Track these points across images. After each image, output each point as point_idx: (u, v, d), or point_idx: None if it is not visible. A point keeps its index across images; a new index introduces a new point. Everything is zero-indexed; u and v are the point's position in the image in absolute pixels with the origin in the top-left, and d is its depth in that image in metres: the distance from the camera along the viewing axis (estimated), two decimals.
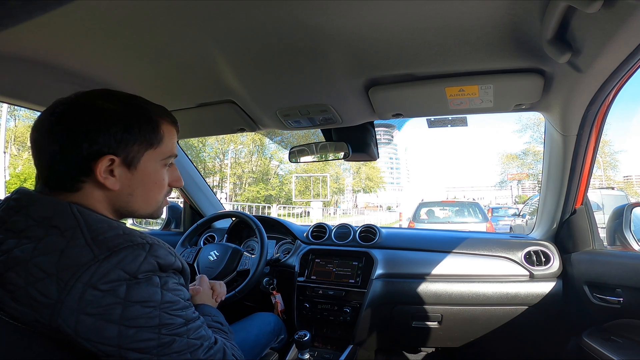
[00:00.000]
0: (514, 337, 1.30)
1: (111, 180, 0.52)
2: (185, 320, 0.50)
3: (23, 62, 0.79)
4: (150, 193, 0.57)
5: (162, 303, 0.47)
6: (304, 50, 0.76)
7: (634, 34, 0.54)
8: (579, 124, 0.90)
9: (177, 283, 0.52)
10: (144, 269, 0.47)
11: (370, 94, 0.94)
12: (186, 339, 0.49)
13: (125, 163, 0.52)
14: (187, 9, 0.63)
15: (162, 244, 0.51)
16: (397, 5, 0.61)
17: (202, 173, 1.76)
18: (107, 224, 0.49)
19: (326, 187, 26.86)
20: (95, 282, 0.43)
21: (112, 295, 0.44)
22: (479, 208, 6.84)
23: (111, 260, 0.45)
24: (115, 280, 0.44)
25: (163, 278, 0.49)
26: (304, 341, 1.03)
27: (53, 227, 0.46)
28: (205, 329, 0.53)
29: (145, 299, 0.46)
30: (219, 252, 1.25)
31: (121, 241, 0.47)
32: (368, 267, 1.29)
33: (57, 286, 0.43)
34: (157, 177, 0.57)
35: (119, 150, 0.51)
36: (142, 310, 0.45)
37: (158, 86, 0.98)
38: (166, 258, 0.50)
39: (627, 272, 0.94)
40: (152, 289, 0.47)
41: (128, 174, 0.53)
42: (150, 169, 0.55)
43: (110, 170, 0.51)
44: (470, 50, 0.74)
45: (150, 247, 0.49)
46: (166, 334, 0.47)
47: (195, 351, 0.49)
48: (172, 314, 0.48)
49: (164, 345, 0.47)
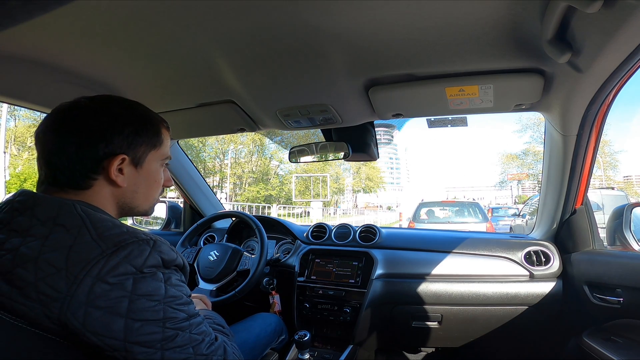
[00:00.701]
0: (514, 337, 1.30)
1: (121, 177, 0.56)
2: (187, 315, 0.51)
3: (23, 62, 0.79)
4: (151, 190, 0.62)
5: (166, 297, 0.49)
6: (304, 51, 0.76)
7: (634, 34, 0.54)
8: (579, 124, 0.90)
9: (179, 279, 0.54)
10: (149, 264, 0.49)
11: (370, 94, 0.94)
12: (189, 334, 0.50)
13: (134, 162, 0.58)
14: (187, 9, 0.63)
15: (164, 241, 0.54)
16: (397, 5, 0.61)
17: (202, 173, 1.76)
18: (111, 222, 0.51)
19: (326, 187, 26.87)
20: (104, 276, 0.45)
21: (120, 288, 0.46)
22: (479, 208, 6.84)
23: (119, 255, 0.47)
24: (123, 273, 0.46)
25: (166, 274, 0.51)
26: (304, 341, 1.03)
27: (58, 225, 0.48)
28: (206, 325, 0.55)
29: (150, 292, 0.48)
30: (219, 252, 1.25)
31: (127, 237, 0.49)
32: (368, 267, 1.29)
33: (67, 280, 0.44)
34: (157, 176, 0.63)
35: (129, 151, 0.57)
36: (147, 303, 0.47)
37: (158, 86, 0.98)
38: (169, 254, 0.53)
39: (627, 272, 0.94)
40: (156, 283, 0.49)
41: (135, 172, 0.59)
42: (153, 168, 0.61)
43: (120, 169, 0.56)
44: (470, 50, 0.74)
45: (154, 243, 0.51)
46: (170, 327, 0.48)
47: (197, 346, 0.51)
48: (175, 308, 0.50)
49: (168, 339, 0.48)
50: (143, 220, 1.91)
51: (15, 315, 0.44)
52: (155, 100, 1.08)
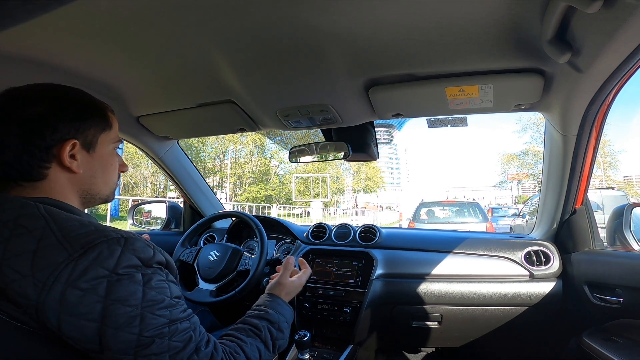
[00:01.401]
0: (514, 337, 1.30)
1: (75, 163, 0.54)
2: (168, 321, 0.48)
3: (23, 62, 0.79)
4: (108, 174, 0.61)
5: (145, 301, 0.46)
6: (304, 50, 0.75)
7: (634, 34, 0.54)
8: (579, 124, 0.90)
9: (163, 280, 0.51)
10: (124, 264, 0.46)
11: (370, 94, 0.94)
12: (167, 341, 0.47)
13: (85, 147, 0.56)
14: (187, 9, 0.63)
15: (139, 238, 0.50)
16: (397, 5, 0.61)
17: (202, 173, 1.76)
18: (78, 222, 0.48)
19: (326, 187, 26.86)
20: (74, 281, 0.43)
21: (93, 293, 0.44)
22: (479, 208, 6.85)
23: (87, 257, 0.44)
24: (95, 277, 0.44)
25: (147, 275, 0.48)
26: (304, 341, 1.03)
27: (19, 226, 0.45)
28: (194, 330, 0.51)
29: (126, 296, 0.45)
30: (219, 252, 1.25)
31: (94, 237, 0.46)
32: (368, 267, 1.29)
33: (35, 287, 0.42)
34: (112, 159, 0.62)
35: (78, 135, 0.55)
36: (122, 309, 0.45)
37: (158, 86, 0.98)
38: (145, 251, 0.49)
39: (627, 272, 0.94)
40: (133, 286, 0.46)
41: (88, 156, 0.57)
42: (106, 152, 0.60)
43: (72, 155, 0.54)
44: (471, 50, 0.74)
45: (125, 241, 0.48)
46: (147, 335, 0.46)
47: (176, 354, 0.48)
48: (155, 313, 0.47)
49: (143, 346, 0.45)
50: (143, 220, 1.91)
51: (10, 318, 0.44)
52: (155, 100, 1.08)
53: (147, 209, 1.96)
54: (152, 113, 1.17)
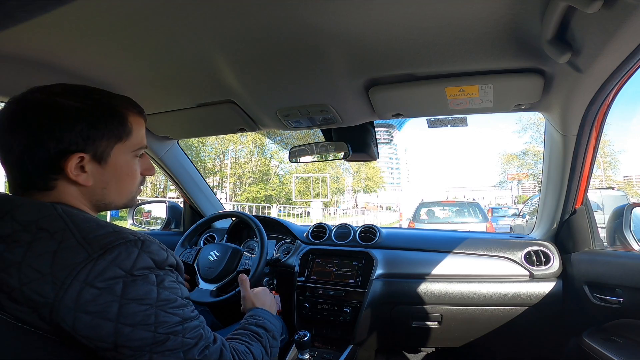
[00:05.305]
0: (514, 337, 1.30)
1: (83, 176, 0.52)
2: (181, 319, 0.50)
3: (23, 62, 0.79)
4: (123, 185, 0.57)
5: (159, 301, 0.48)
6: (304, 50, 0.75)
7: (634, 34, 0.54)
8: (579, 124, 0.90)
9: (174, 281, 0.52)
10: (139, 266, 0.47)
11: (370, 94, 0.94)
12: (181, 338, 0.49)
13: (95, 158, 0.52)
14: (187, 9, 0.63)
15: (154, 240, 0.51)
16: (397, 5, 0.61)
17: (202, 173, 1.76)
18: (96, 223, 0.48)
19: (326, 187, 26.86)
20: (92, 280, 0.44)
21: (109, 293, 0.45)
22: (479, 208, 6.85)
23: (106, 258, 0.45)
24: (112, 277, 0.45)
25: (160, 276, 0.50)
26: (304, 341, 1.03)
27: (41, 229, 0.46)
28: (203, 328, 0.53)
29: (141, 296, 0.46)
30: (219, 252, 1.25)
31: (113, 239, 0.47)
32: (368, 267, 1.29)
33: (53, 285, 0.43)
34: (128, 169, 0.57)
35: (87, 147, 0.51)
36: (138, 307, 0.46)
37: (158, 86, 0.98)
38: (159, 254, 0.50)
39: (627, 272, 0.94)
40: (148, 286, 0.47)
41: (99, 168, 0.53)
42: (122, 161, 0.56)
43: (81, 167, 0.51)
44: (471, 50, 0.74)
45: (142, 243, 0.49)
46: (162, 332, 0.47)
47: (189, 350, 0.49)
48: (168, 311, 0.48)
49: (158, 343, 0.47)
50: (143, 220, 1.91)
51: (13, 319, 0.44)
52: (155, 100, 1.08)
53: (147, 209, 1.97)
54: (152, 113, 1.17)
